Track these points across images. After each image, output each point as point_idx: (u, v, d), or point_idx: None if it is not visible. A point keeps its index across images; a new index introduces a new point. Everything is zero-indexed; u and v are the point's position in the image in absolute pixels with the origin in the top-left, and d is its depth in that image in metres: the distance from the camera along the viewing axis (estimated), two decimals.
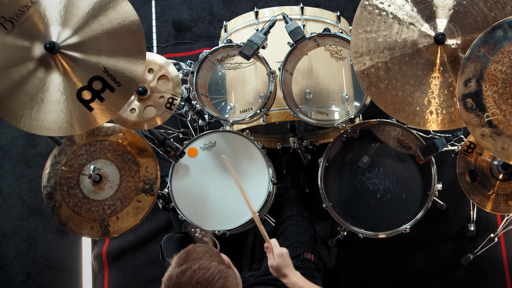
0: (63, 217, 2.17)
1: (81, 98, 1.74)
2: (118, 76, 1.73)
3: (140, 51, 1.74)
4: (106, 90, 1.73)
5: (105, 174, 2.18)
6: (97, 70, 1.72)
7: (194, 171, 2.34)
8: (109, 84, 1.73)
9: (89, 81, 1.73)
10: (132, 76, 1.73)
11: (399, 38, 1.77)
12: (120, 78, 1.73)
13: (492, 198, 2.21)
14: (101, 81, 1.73)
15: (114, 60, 1.72)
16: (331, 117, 2.36)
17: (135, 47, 1.74)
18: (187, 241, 2.35)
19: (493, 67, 1.62)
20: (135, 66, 1.73)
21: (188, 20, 3.48)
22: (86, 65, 1.72)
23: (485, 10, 1.69)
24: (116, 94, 1.74)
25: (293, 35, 2.02)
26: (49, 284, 3.19)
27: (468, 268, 2.79)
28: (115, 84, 1.73)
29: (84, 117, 1.75)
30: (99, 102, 1.74)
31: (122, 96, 1.74)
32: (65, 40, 1.71)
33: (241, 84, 2.44)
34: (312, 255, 2.14)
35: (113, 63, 1.72)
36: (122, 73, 1.73)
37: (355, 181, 2.39)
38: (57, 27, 1.72)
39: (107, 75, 1.73)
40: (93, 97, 1.74)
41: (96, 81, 1.73)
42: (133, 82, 1.74)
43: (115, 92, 1.74)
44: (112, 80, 1.73)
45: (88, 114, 1.75)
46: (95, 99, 1.74)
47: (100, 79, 1.73)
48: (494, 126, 1.64)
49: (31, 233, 3.26)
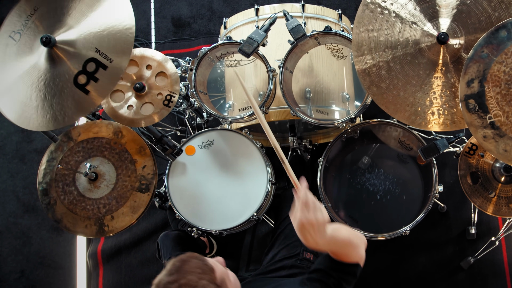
0: (57, 214, 2.16)
1: (78, 83, 1.77)
2: (110, 51, 1.75)
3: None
4: (99, 69, 1.76)
5: (101, 172, 2.17)
6: (90, 51, 1.75)
7: (191, 169, 2.34)
8: (101, 63, 1.76)
9: (83, 65, 1.76)
10: (121, 51, 1.76)
11: (401, 37, 1.77)
12: (111, 54, 1.75)
13: (494, 200, 2.21)
14: (94, 62, 1.76)
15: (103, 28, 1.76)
16: (331, 117, 2.35)
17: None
18: (185, 239, 2.34)
19: (496, 68, 1.61)
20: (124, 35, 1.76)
21: (187, 16, 3.47)
22: (80, 47, 1.76)
23: (489, 10, 1.68)
24: (109, 71, 1.76)
25: (293, 32, 2.02)
26: (43, 282, 3.18)
27: (468, 271, 2.79)
28: (107, 61, 1.75)
29: (82, 101, 1.78)
30: (94, 83, 1.77)
31: (115, 71, 1.77)
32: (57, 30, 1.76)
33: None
34: (311, 255, 2.13)
35: (104, 38, 1.76)
36: (113, 47, 1.75)
37: (354, 182, 2.39)
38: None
39: (99, 54, 1.75)
40: (88, 80, 1.77)
41: (90, 63, 1.76)
42: (124, 54, 1.77)
43: (108, 69, 1.76)
44: (104, 58, 1.75)
45: (85, 97, 1.77)
46: (90, 81, 1.77)
47: (93, 60, 1.76)
48: (496, 128, 1.64)
49: (25, 231, 3.25)
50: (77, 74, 1.76)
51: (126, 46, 1.75)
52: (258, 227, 2.98)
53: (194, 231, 2.31)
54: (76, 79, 1.75)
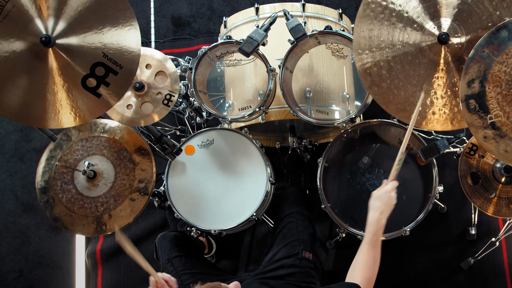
0: (55, 213, 2.16)
1: (87, 86, 1.77)
2: (118, 58, 1.75)
3: (126, 13, 1.75)
4: (109, 74, 1.76)
5: (99, 170, 2.17)
6: (96, 56, 1.75)
7: (191, 169, 2.34)
8: (111, 68, 1.76)
9: (91, 68, 1.75)
10: (131, 57, 1.76)
11: (402, 36, 1.77)
12: (120, 60, 1.75)
13: (494, 201, 2.21)
14: (103, 66, 1.75)
15: (107, 36, 1.74)
16: (331, 117, 2.35)
17: (120, 9, 1.75)
18: (183, 240, 2.34)
19: (497, 68, 1.61)
20: (128, 34, 1.75)
21: (187, 16, 3.47)
22: (84, 53, 1.74)
23: (490, 9, 1.68)
24: (120, 76, 1.77)
25: (294, 32, 2.02)
26: (42, 282, 3.18)
27: (468, 272, 2.79)
28: (117, 67, 1.76)
29: (94, 104, 1.79)
30: (105, 87, 1.77)
31: (126, 77, 1.77)
32: (54, 29, 1.73)
33: (240, 81, 2.44)
34: (310, 254, 2.13)
35: (109, 41, 1.74)
36: (121, 54, 1.75)
37: (354, 182, 2.39)
38: (39, 20, 1.72)
39: (107, 59, 1.75)
40: (99, 84, 1.76)
41: (98, 67, 1.75)
42: (134, 62, 1.77)
43: (119, 75, 1.76)
44: (113, 64, 1.75)
45: (97, 100, 1.78)
46: (101, 85, 1.77)
47: (101, 65, 1.75)
48: (497, 128, 1.64)
49: (24, 230, 3.25)
50: (85, 76, 1.77)
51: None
52: (257, 227, 2.98)
53: (193, 231, 2.31)
54: (85, 82, 1.77)
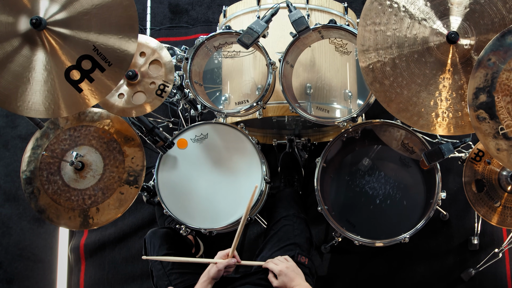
0: (40, 205, 2.16)
1: (70, 78, 1.74)
2: (109, 55, 1.73)
3: (132, 28, 1.74)
4: (96, 70, 1.74)
5: (88, 162, 2.17)
6: (86, 48, 1.72)
7: (182, 163, 2.34)
8: (98, 63, 1.73)
9: (78, 60, 1.73)
10: (123, 56, 1.73)
11: (409, 33, 1.77)
12: (110, 57, 1.73)
13: (499, 210, 2.22)
14: (90, 60, 1.73)
15: (105, 37, 1.72)
16: (332, 115, 2.35)
17: (126, 23, 1.73)
18: (173, 237, 2.34)
19: (505, 76, 1.61)
20: (127, 44, 1.73)
21: (186, 3, 3.47)
22: (74, 43, 1.72)
23: (503, 11, 1.68)
24: (106, 74, 1.74)
25: (296, 25, 2.01)
26: (22, 275, 3.18)
27: (469, 283, 2.80)
28: (105, 64, 1.73)
29: (73, 99, 1.75)
30: (88, 83, 1.74)
31: (112, 76, 1.75)
32: (52, 15, 1.70)
33: (238, 74, 2.44)
34: (306, 259, 2.14)
35: (103, 40, 1.72)
36: (113, 52, 1.73)
37: (353, 185, 2.39)
38: (44, 1, 1.71)
39: (97, 54, 1.73)
40: (82, 77, 1.74)
41: (86, 60, 1.73)
42: (125, 61, 1.74)
43: (106, 72, 1.74)
44: (102, 60, 1.73)
45: (77, 95, 1.75)
46: (84, 80, 1.74)
47: (89, 58, 1.73)
48: (509, 139, 1.63)
49: (5, 220, 3.25)
50: (70, 68, 1.74)
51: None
52: (250, 228, 2.98)
53: (183, 228, 2.31)
54: (69, 73, 1.74)
